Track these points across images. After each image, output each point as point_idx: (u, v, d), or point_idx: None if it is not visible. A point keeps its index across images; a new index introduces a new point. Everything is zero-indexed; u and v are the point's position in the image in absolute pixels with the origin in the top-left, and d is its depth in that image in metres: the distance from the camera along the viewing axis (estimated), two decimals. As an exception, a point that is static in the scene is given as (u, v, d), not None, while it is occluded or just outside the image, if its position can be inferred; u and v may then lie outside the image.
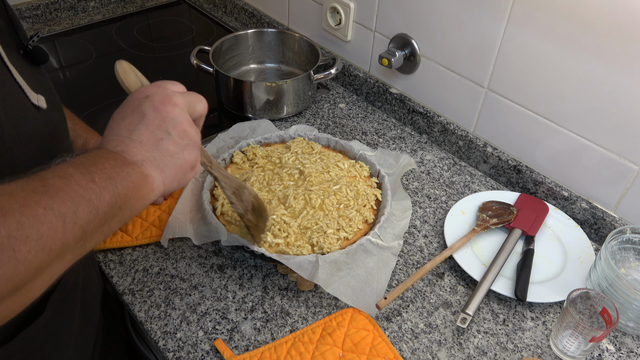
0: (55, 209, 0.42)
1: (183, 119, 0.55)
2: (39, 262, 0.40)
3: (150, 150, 0.52)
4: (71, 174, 0.45)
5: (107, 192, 0.46)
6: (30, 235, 0.39)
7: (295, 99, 1.14)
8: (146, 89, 0.57)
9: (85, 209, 0.44)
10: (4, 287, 0.38)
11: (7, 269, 0.38)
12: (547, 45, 0.88)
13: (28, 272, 0.40)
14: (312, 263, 0.76)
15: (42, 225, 0.40)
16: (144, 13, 1.55)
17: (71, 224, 0.43)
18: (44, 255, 0.40)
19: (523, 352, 0.76)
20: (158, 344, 0.74)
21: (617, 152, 0.87)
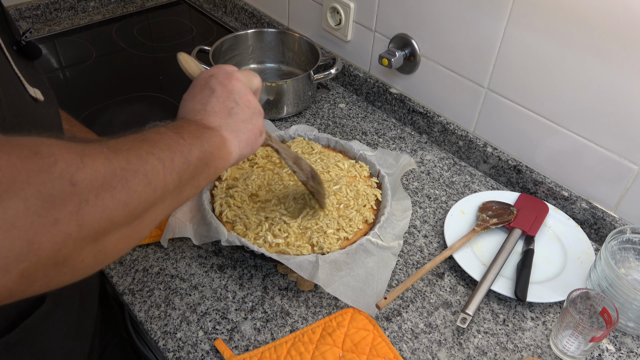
0: (155, 153, 0.46)
1: (246, 91, 0.63)
2: (146, 197, 0.44)
3: (225, 118, 0.59)
4: (164, 132, 0.50)
5: (195, 148, 0.52)
6: (138, 170, 0.44)
7: (295, 99, 1.14)
8: (208, 70, 0.64)
9: (179, 159, 0.49)
10: (121, 212, 0.41)
11: (122, 195, 0.41)
12: (547, 46, 0.88)
13: (139, 202, 0.43)
14: (312, 263, 0.76)
15: (146, 164, 0.45)
16: (144, 13, 1.55)
17: (169, 168, 0.47)
18: (150, 191, 0.44)
19: (523, 352, 0.76)
20: (158, 344, 0.74)
21: (617, 152, 0.87)
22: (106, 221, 0.40)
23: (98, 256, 0.41)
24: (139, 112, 1.19)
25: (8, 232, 0.33)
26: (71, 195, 0.37)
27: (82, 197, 0.38)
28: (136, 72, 1.31)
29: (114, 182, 0.41)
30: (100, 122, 1.13)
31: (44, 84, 0.62)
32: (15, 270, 0.34)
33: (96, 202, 0.39)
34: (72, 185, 0.37)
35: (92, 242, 0.39)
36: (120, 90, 1.23)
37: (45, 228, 0.35)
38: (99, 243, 0.40)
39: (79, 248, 0.38)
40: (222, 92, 0.61)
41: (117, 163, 0.42)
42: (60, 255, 0.37)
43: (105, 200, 0.40)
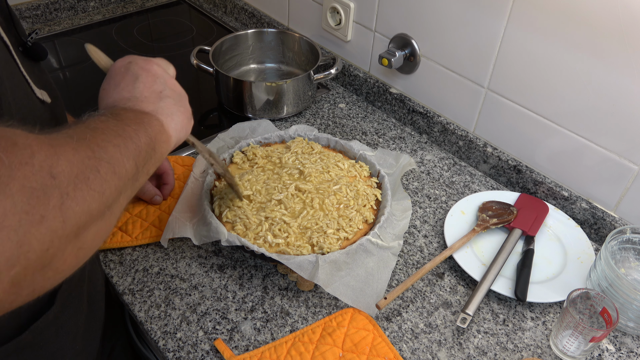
0: (111, 141, 0.45)
1: (168, 75, 0.61)
2: (115, 184, 0.43)
3: (156, 102, 0.57)
4: (107, 121, 0.48)
5: (141, 133, 0.50)
6: (102, 158, 0.43)
7: (295, 99, 1.14)
8: (122, 59, 0.61)
9: (131, 145, 0.48)
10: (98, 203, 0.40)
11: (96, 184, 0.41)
12: (547, 45, 0.88)
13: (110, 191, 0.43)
14: (312, 263, 0.76)
15: (107, 152, 0.44)
16: (144, 13, 1.55)
17: (126, 155, 0.46)
18: (116, 179, 0.44)
19: (523, 352, 0.76)
20: (158, 344, 0.74)
21: (617, 152, 0.87)
22: (86, 214, 0.39)
23: (78, 254, 0.40)
24: (139, 112, 1.18)
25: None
26: (53, 189, 0.36)
27: (63, 190, 0.37)
28: (136, 72, 1.31)
29: (86, 172, 0.40)
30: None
31: (50, 85, 0.62)
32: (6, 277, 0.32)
33: (75, 195, 0.38)
34: (52, 178, 0.36)
35: (74, 238, 0.38)
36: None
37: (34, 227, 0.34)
38: (80, 239, 0.39)
39: (63, 246, 0.37)
40: (146, 77, 0.59)
41: (83, 152, 0.41)
42: (47, 256, 0.36)
43: (84, 192, 0.39)
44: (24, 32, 0.60)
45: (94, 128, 0.46)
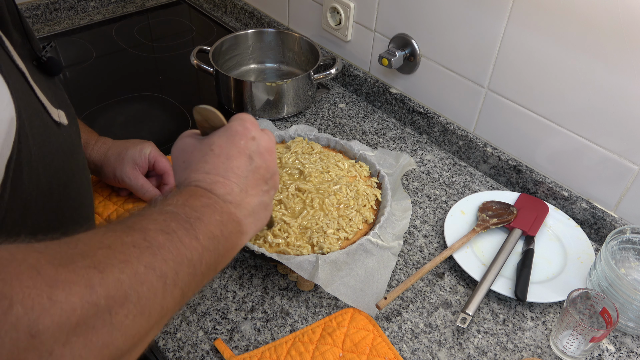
0: (157, 268, 0.38)
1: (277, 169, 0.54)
2: (136, 329, 0.36)
3: (253, 204, 0.50)
4: (174, 230, 0.41)
5: (208, 252, 0.43)
6: (129, 296, 0.35)
7: (295, 99, 1.14)
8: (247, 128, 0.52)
9: (186, 269, 0.40)
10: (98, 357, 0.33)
11: (101, 335, 0.33)
12: (547, 45, 0.88)
13: (125, 339, 0.35)
14: (312, 263, 0.76)
15: (142, 285, 0.36)
16: (144, 13, 1.55)
17: (171, 285, 0.39)
18: (142, 320, 0.36)
19: (523, 352, 0.76)
20: (158, 343, 0.74)
21: (617, 152, 0.87)
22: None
23: None
24: (139, 112, 1.19)
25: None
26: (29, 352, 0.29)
27: (44, 349, 0.30)
28: (136, 72, 1.31)
29: (92, 320, 0.32)
30: (100, 122, 1.13)
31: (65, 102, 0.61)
32: None
33: (63, 354, 0.31)
34: (31, 337, 0.30)
35: None
36: (120, 90, 1.23)
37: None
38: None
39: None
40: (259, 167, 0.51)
41: (102, 290, 0.33)
42: None
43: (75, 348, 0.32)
44: (39, 46, 0.58)
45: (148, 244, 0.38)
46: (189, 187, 0.47)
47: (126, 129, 1.12)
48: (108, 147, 0.87)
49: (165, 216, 0.41)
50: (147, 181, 0.87)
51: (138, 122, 1.15)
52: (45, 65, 0.58)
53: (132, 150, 0.87)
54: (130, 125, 1.14)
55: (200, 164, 0.49)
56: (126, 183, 0.86)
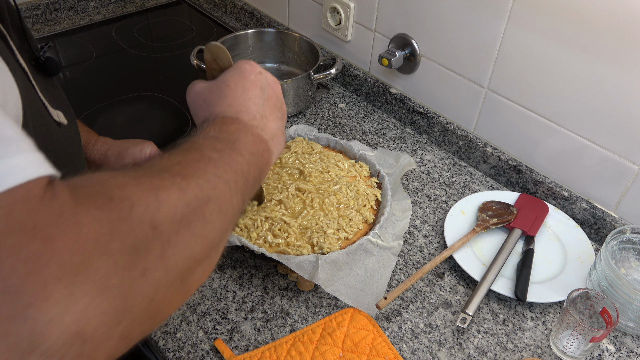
0: (221, 176, 0.44)
1: (283, 99, 0.61)
2: (220, 225, 0.42)
3: (273, 128, 0.56)
4: (222, 149, 0.47)
5: (252, 166, 0.49)
6: (210, 198, 0.41)
7: (295, 99, 1.14)
8: (250, 64, 0.59)
9: (241, 179, 0.46)
10: (201, 246, 0.39)
11: (200, 228, 0.39)
12: (547, 46, 0.88)
13: (215, 233, 0.41)
14: (312, 263, 0.76)
15: (215, 189, 0.42)
16: (144, 13, 1.55)
17: (234, 191, 0.45)
18: (222, 218, 0.42)
19: (523, 352, 0.76)
20: (158, 344, 0.74)
21: (617, 152, 0.87)
22: (189, 260, 0.38)
23: (184, 297, 0.39)
24: (139, 112, 1.19)
25: (103, 294, 0.30)
26: (154, 240, 0.35)
27: (164, 239, 0.35)
28: (136, 72, 1.31)
29: (191, 216, 0.38)
30: (100, 122, 1.13)
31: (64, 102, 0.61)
32: (116, 333, 0.32)
33: (178, 242, 0.37)
34: (154, 229, 0.35)
35: (179, 284, 0.37)
36: (120, 90, 1.23)
37: (136, 281, 0.33)
38: (185, 284, 0.38)
39: (168, 294, 0.36)
40: (270, 96, 0.58)
41: (190, 193, 0.39)
42: (152, 307, 0.35)
43: (186, 238, 0.38)
44: (37, 46, 0.58)
45: (207, 159, 0.44)
46: (217, 119, 0.52)
47: (126, 129, 1.12)
48: (108, 147, 0.87)
49: (210, 140, 0.48)
50: None
51: (138, 122, 1.15)
52: (43, 66, 0.58)
53: (133, 150, 0.87)
54: (130, 125, 1.14)
55: (220, 99, 0.55)
56: None
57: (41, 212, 0.29)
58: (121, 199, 0.34)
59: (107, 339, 0.31)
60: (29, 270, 0.27)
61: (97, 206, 0.32)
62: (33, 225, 0.28)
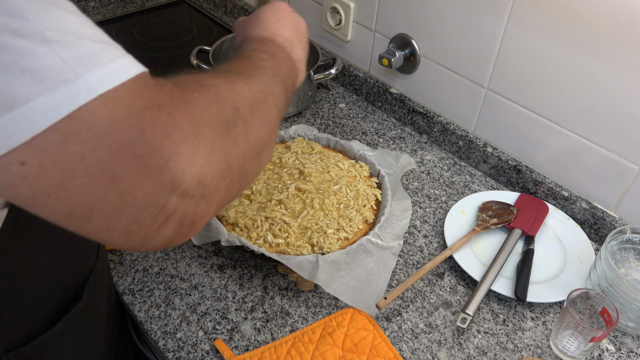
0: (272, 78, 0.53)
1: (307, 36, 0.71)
2: (276, 116, 0.51)
3: (300, 55, 0.65)
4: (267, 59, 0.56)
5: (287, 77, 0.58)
6: (268, 92, 0.50)
7: (295, 99, 1.14)
8: (286, 4, 0.71)
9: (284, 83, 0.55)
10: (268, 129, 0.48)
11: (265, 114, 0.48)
12: (547, 46, 0.88)
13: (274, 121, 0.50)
14: (312, 263, 0.76)
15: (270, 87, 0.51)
16: (144, 13, 1.55)
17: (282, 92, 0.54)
18: (277, 111, 0.51)
19: (523, 352, 0.76)
20: (158, 344, 0.74)
21: (617, 152, 0.87)
22: (261, 139, 0.47)
23: (258, 170, 0.48)
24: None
25: (212, 154, 0.39)
26: (237, 119, 0.43)
27: (245, 119, 0.44)
28: (136, 72, 1.31)
29: (259, 103, 0.47)
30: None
31: None
32: (223, 186, 0.41)
33: (253, 123, 0.45)
34: (236, 110, 0.44)
35: (256, 158, 0.47)
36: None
37: (231, 148, 0.42)
38: (259, 159, 0.47)
39: (251, 163, 0.45)
40: (300, 30, 0.68)
41: (254, 87, 0.48)
42: (243, 171, 0.44)
43: (258, 120, 0.46)
44: None
45: (260, 67, 0.53)
46: (255, 37, 0.62)
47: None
48: None
49: (255, 52, 0.57)
50: None
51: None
52: None
53: None
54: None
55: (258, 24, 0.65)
56: None
57: (160, 94, 0.37)
58: (209, 86, 0.43)
59: (218, 188, 0.40)
60: (164, 134, 0.36)
61: (194, 90, 0.41)
62: (159, 103, 0.37)
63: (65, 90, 0.32)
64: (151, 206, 0.36)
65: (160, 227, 0.37)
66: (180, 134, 0.37)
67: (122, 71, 0.35)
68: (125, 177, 0.34)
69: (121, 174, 0.34)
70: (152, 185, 0.35)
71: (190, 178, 0.37)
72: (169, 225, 0.37)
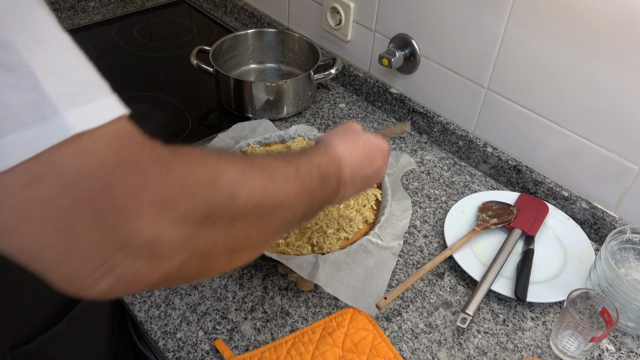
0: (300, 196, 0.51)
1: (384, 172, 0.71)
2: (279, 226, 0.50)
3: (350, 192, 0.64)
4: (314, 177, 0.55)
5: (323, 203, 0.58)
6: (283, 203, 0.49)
7: (295, 99, 1.14)
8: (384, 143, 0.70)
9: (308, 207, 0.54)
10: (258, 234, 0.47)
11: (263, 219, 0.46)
12: (547, 46, 0.88)
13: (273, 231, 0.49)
14: (312, 263, 0.76)
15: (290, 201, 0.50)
16: (144, 13, 1.55)
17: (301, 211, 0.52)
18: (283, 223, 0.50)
19: (523, 352, 0.76)
20: (158, 344, 0.74)
21: (617, 152, 0.87)
22: (246, 241, 0.45)
23: (227, 267, 0.45)
24: (139, 112, 1.18)
25: (177, 226, 0.37)
26: (228, 208, 0.42)
27: (236, 211, 0.42)
28: (136, 72, 1.31)
29: (263, 207, 0.45)
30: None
31: None
32: (177, 259, 0.39)
33: (244, 221, 0.43)
34: (232, 200, 0.42)
35: (230, 254, 0.44)
36: (120, 90, 1.22)
37: (203, 228, 0.40)
38: (234, 257, 0.45)
39: (220, 256, 0.43)
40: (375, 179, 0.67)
41: (270, 191, 0.46)
42: (208, 258, 0.42)
43: (252, 222, 0.44)
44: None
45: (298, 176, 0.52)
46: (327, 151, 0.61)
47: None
48: None
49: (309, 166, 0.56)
50: None
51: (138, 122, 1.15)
52: None
53: None
54: (130, 125, 1.14)
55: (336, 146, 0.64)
56: None
57: (142, 154, 0.37)
58: (213, 166, 0.42)
59: (169, 259, 0.38)
60: (130, 194, 0.35)
61: (191, 163, 0.40)
62: (136, 163, 0.36)
63: (41, 128, 0.32)
64: (95, 259, 0.35)
65: (97, 279, 0.36)
66: (150, 196, 0.36)
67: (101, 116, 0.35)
68: (79, 228, 0.34)
69: (76, 224, 0.34)
70: (103, 240, 0.35)
71: (142, 240, 0.36)
72: (107, 279, 0.36)
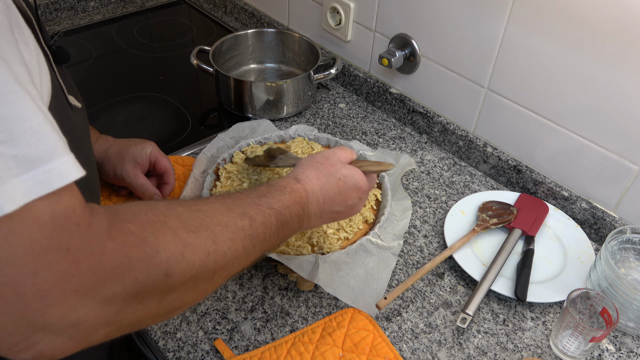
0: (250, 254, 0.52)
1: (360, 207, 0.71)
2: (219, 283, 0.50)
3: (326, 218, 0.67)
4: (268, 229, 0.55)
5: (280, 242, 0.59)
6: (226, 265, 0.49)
7: (295, 99, 1.14)
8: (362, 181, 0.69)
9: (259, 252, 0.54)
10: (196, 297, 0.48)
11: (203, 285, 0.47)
12: (547, 45, 0.88)
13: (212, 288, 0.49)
14: (312, 263, 0.76)
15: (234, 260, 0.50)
16: (144, 13, 1.55)
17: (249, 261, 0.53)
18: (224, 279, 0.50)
19: (523, 352, 0.76)
20: (158, 344, 0.74)
21: (617, 152, 0.87)
22: (181, 303, 0.46)
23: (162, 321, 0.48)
24: (139, 112, 1.19)
25: (104, 307, 0.38)
26: (163, 284, 0.42)
27: (171, 286, 0.43)
28: (136, 72, 1.31)
29: (202, 275, 0.46)
30: (100, 122, 1.13)
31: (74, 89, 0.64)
32: (102, 332, 0.40)
33: (179, 291, 0.44)
34: (166, 277, 0.42)
35: (164, 316, 0.46)
36: (120, 90, 1.23)
37: (133, 305, 0.40)
38: (169, 315, 0.46)
39: (152, 319, 0.44)
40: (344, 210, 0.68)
41: (213, 259, 0.46)
42: (137, 325, 0.43)
43: (188, 290, 0.45)
44: (48, 34, 0.61)
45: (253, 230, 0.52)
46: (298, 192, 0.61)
47: (126, 129, 1.12)
48: (109, 145, 0.87)
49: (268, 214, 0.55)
50: (146, 180, 0.87)
51: (138, 122, 1.15)
52: (55, 54, 0.59)
53: (134, 149, 0.87)
54: (130, 125, 1.14)
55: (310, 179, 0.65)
56: (126, 181, 0.86)
57: (75, 238, 0.36)
58: (150, 244, 0.41)
59: (93, 334, 0.39)
60: (56, 282, 0.35)
61: (126, 244, 0.39)
62: (67, 248, 0.36)
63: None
64: (16, 335, 0.36)
65: (20, 352, 0.37)
66: (76, 284, 0.36)
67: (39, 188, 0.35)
68: (1, 308, 0.35)
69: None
70: (24, 321, 0.35)
71: (64, 322, 0.36)
72: (29, 352, 0.37)
